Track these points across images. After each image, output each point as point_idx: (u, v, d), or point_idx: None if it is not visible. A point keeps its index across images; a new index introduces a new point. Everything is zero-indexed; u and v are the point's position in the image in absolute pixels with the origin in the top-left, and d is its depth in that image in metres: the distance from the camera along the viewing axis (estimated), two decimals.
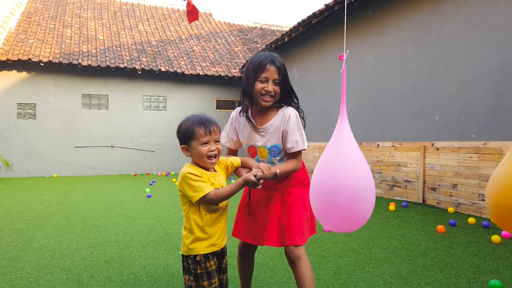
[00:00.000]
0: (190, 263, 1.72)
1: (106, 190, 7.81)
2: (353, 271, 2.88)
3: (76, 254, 3.33)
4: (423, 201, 5.86)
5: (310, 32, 9.00)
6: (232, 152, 2.13)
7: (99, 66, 11.06)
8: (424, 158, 5.87)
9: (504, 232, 3.84)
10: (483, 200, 4.90)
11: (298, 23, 8.61)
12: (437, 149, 5.64)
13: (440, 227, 4.12)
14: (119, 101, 11.92)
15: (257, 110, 1.99)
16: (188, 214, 1.72)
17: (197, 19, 3.05)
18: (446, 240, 3.77)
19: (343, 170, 1.15)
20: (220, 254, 1.80)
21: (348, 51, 1.28)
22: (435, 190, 5.67)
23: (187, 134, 1.71)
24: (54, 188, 8.07)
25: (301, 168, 2.05)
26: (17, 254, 3.32)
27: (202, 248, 1.71)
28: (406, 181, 6.23)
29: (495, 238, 3.65)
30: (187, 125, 1.72)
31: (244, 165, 1.93)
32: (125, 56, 11.96)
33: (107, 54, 11.74)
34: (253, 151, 2.03)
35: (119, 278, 2.75)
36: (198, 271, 1.70)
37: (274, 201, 2.00)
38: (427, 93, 5.90)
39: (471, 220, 4.50)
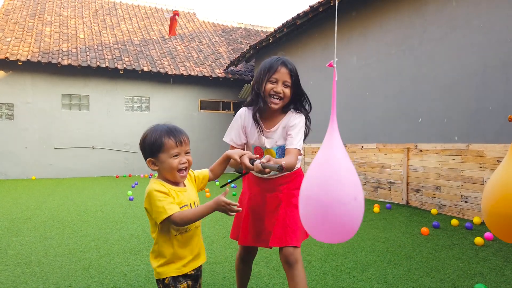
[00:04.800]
0: (161, 286, 1.59)
1: (87, 192, 7.62)
2: (339, 276, 2.85)
3: (53, 261, 3.21)
4: (407, 202, 5.90)
5: (295, 33, 9.00)
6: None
7: (79, 65, 10.81)
8: (407, 160, 5.91)
9: (486, 234, 3.87)
10: (466, 201, 4.95)
11: (282, 24, 8.59)
12: (420, 151, 5.69)
13: (424, 229, 4.14)
14: (100, 101, 11.68)
15: (265, 113, 1.97)
16: (157, 238, 1.58)
17: (175, 34, 3.18)
18: (430, 243, 3.79)
19: (336, 185, 1.11)
20: (195, 276, 1.66)
21: (336, 59, 1.23)
22: (418, 192, 5.71)
23: (154, 147, 1.55)
24: (32, 191, 7.83)
25: (302, 174, 2.03)
26: None
27: (171, 270, 1.57)
28: (390, 182, 6.26)
29: (478, 240, 3.68)
30: (154, 136, 1.56)
31: (226, 160, 1.81)
32: (107, 55, 11.72)
33: (88, 53, 11.50)
34: (259, 152, 2.01)
35: (99, 287, 2.65)
36: None
37: (279, 202, 1.97)
38: (410, 95, 5.94)
39: (454, 222, 4.54)
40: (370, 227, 4.51)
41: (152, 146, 1.56)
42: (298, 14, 7.84)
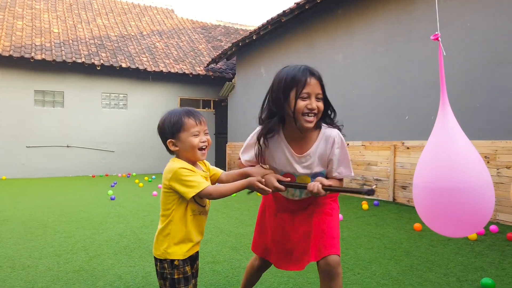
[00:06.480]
0: (166, 267, 1.58)
1: (64, 192, 7.30)
2: (344, 273, 2.79)
3: (39, 264, 3.00)
4: (394, 199, 5.95)
5: (278, 31, 8.93)
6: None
7: (54, 60, 10.37)
8: (394, 157, 5.95)
9: None
10: None
11: (267, 21, 8.51)
12: (408, 148, 5.74)
13: (417, 225, 4.16)
14: (76, 98, 11.27)
15: (292, 133, 1.69)
16: (172, 215, 1.59)
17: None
18: (425, 238, 3.80)
19: (459, 168, 1.01)
20: (194, 258, 1.70)
21: (437, 32, 1.15)
22: (405, 189, 5.76)
23: (175, 127, 1.58)
24: (4, 191, 7.43)
25: None
26: None
27: (181, 253, 1.59)
28: (377, 180, 6.30)
29: (472, 235, 3.72)
30: (174, 117, 1.60)
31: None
32: (83, 50, 11.32)
33: (62, 48, 11.06)
34: (290, 178, 1.72)
35: None
36: (175, 276, 1.57)
37: (310, 214, 1.76)
38: (397, 93, 5.99)
39: None
40: (363, 223, 4.49)
41: (173, 127, 1.58)
42: (284, 11, 7.79)
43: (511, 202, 4.35)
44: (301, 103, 1.58)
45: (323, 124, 1.72)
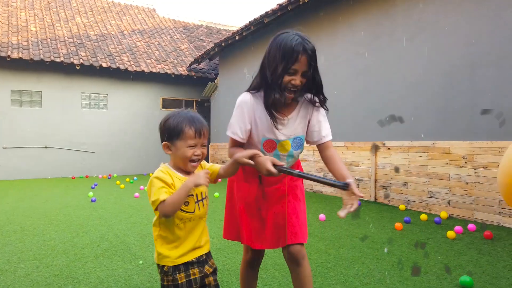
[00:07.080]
0: (160, 272, 1.55)
1: (43, 195, 7.13)
2: (327, 273, 2.82)
3: (18, 268, 2.93)
4: (375, 199, 6.04)
5: (261, 31, 8.96)
6: (239, 145, 1.80)
7: (31, 59, 10.12)
8: (375, 157, 6.04)
9: (456, 228, 4.02)
10: (433, 197, 5.14)
11: (250, 22, 8.52)
12: (388, 148, 5.84)
13: (398, 225, 4.23)
14: (54, 98, 11.02)
15: (274, 101, 1.70)
16: (159, 223, 1.53)
17: None
18: (406, 238, 3.87)
19: None
20: (201, 262, 1.58)
21: None
22: (386, 188, 5.86)
23: (174, 132, 1.52)
24: None
25: (300, 164, 1.94)
26: None
27: (171, 259, 1.51)
28: (358, 180, 6.38)
29: (451, 234, 3.81)
30: (176, 121, 1.53)
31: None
32: (62, 49, 11.08)
33: (40, 46, 10.80)
34: (271, 145, 1.76)
35: None
36: (165, 283, 1.52)
37: (283, 194, 1.80)
38: (379, 94, 6.08)
39: (423, 216, 4.68)
40: (345, 223, 4.55)
41: (172, 131, 1.53)
42: (266, 12, 7.81)
43: (488, 202, 4.48)
44: (286, 78, 1.62)
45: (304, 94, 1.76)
